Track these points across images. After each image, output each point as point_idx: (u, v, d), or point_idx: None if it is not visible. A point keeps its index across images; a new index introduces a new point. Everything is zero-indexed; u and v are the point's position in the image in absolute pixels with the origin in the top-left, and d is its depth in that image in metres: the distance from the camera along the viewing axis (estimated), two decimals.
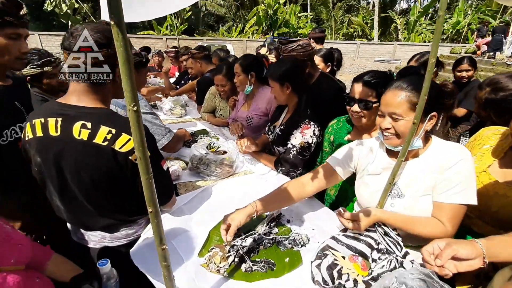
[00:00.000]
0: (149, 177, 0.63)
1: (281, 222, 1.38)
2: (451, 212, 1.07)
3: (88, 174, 1.06)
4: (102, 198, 1.13)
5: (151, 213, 0.65)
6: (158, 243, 0.70)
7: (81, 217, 1.19)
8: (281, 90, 1.72)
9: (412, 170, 1.17)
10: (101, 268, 0.91)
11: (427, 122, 1.09)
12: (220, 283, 1.04)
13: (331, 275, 0.96)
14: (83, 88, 1.05)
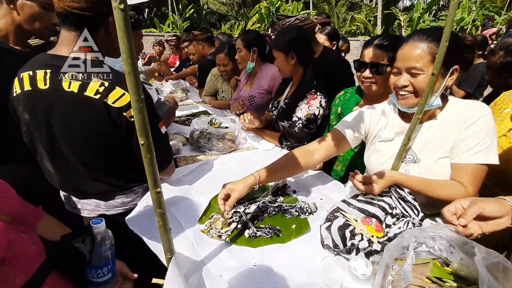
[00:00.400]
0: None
1: (287, 192, 1.29)
2: (472, 173, 0.99)
3: (79, 131, 0.98)
4: (95, 159, 1.05)
5: (143, 145, 0.57)
6: (152, 185, 0.62)
7: (73, 182, 1.11)
8: (285, 61, 1.64)
9: (428, 132, 1.08)
10: (95, 226, 0.82)
11: (448, 77, 0.99)
12: (221, 248, 0.96)
13: (342, 236, 0.88)
14: (74, 38, 0.97)
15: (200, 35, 3.00)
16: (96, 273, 0.83)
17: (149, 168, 0.59)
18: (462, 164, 1.00)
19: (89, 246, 0.81)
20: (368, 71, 1.36)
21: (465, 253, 0.75)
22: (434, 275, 0.70)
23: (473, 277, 0.72)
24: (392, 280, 0.65)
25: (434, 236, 0.80)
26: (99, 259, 0.82)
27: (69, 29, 0.95)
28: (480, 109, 1.01)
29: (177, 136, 1.73)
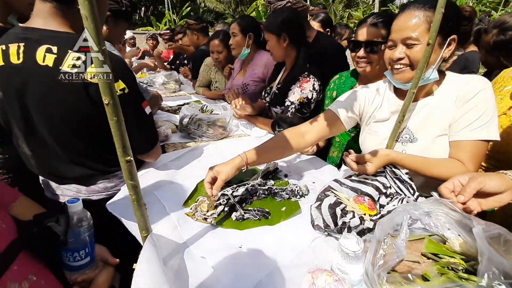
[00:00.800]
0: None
1: (278, 176, 1.24)
2: (472, 150, 0.94)
3: (57, 109, 0.92)
4: (74, 141, 0.99)
5: (107, 105, 0.51)
6: (121, 153, 0.57)
7: (51, 165, 1.05)
8: (277, 43, 1.58)
9: (425, 110, 1.03)
10: (70, 206, 0.76)
11: (445, 48, 0.93)
12: (206, 230, 0.90)
13: (333, 215, 0.83)
14: (49, 10, 0.90)
15: (194, 24, 2.93)
16: (72, 256, 0.77)
17: (117, 133, 0.54)
18: (461, 141, 0.95)
19: (63, 226, 0.75)
20: (363, 50, 1.30)
21: (463, 229, 0.70)
22: (430, 251, 0.65)
23: (471, 253, 0.67)
24: (384, 254, 0.60)
25: (429, 212, 0.75)
26: (75, 241, 0.76)
27: (44, 0, 0.90)
28: (479, 83, 0.95)
29: (166, 123, 1.67)
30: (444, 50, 0.94)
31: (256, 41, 2.06)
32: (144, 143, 1.10)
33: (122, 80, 0.94)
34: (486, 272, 0.51)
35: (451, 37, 0.92)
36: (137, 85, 1.07)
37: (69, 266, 0.77)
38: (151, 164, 1.26)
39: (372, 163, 0.93)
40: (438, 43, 0.92)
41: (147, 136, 1.10)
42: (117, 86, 0.93)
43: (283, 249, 0.82)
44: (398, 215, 0.71)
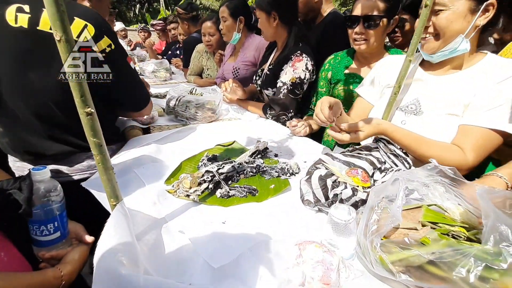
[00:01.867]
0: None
1: (268, 156, 1.18)
2: (480, 138, 0.81)
3: (35, 75, 0.84)
4: (54, 112, 0.91)
5: (59, 41, 0.44)
6: (80, 103, 0.50)
7: (27, 142, 0.95)
8: (267, 22, 1.51)
9: (445, 85, 0.91)
10: (34, 173, 0.68)
11: (480, 13, 0.79)
12: (187, 207, 0.84)
13: (323, 187, 0.76)
14: None
15: (184, 14, 2.84)
16: (39, 230, 0.70)
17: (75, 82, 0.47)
18: (471, 126, 0.82)
19: (26, 193, 0.68)
20: (360, 25, 1.24)
21: (463, 198, 0.65)
22: (428, 220, 0.60)
23: (473, 223, 0.61)
24: (377, 219, 0.53)
25: (427, 182, 0.69)
26: (42, 214, 0.69)
27: None
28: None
29: (153, 105, 1.60)
30: (477, 16, 0.80)
31: (247, 24, 1.98)
32: (141, 98, 1.08)
33: (108, 36, 0.88)
34: (492, 234, 0.45)
35: (488, 1, 0.78)
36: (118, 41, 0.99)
37: (37, 241, 0.70)
38: (134, 143, 1.19)
39: (363, 131, 0.87)
40: (470, 8, 0.80)
41: (142, 90, 1.07)
42: (104, 42, 0.87)
43: (270, 225, 0.76)
44: (394, 182, 0.65)
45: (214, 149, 1.21)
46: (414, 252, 0.47)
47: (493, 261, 0.42)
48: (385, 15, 1.20)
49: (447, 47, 0.86)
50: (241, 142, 1.28)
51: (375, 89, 1.13)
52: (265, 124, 1.55)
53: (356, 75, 1.39)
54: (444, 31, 0.83)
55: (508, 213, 0.51)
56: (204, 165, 1.03)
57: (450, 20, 0.82)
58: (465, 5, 0.80)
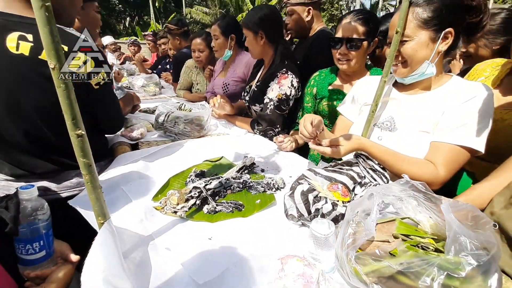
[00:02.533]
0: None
1: (254, 171, 1.21)
2: (450, 154, 0.88)
3: (30, 100, 0.87)
4: (44, 132, 0.93)
5: (53, 69, 0.47)
6: (71, 126, 0.52)
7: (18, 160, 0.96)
8: (254, 40, 1.58)
9: (416, 103, 0.99)
10: (22, 192, 0.68)
11: (440, 41, 0.89)
12: (174, 223, 0.85)
13: (306, 202, 0.80)
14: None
15: (175, 29, 2.91)
16: (25, 248, 0.69)
17: (65, 102, 0.50)
18: (441, 142, 0.90)
19: (13, 212, 0.68)
20: (344, 47, 1.32)
21: (433, 211, 0.70)
22: (401, 232, 0.64)
23: (442, 234, 0.66)
24: (352, 233, 0.57)
25: (401, 196, 0.74)
26: (28, 232, 0.69)
27: None
28: (480, 89, 0.89)
29: (141, 121, 1.62)
30: (438, 43, 0.89)
31: (238, 41, 2.06)
32: (120, 121, 1.18)
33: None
34: (453, 244, 0.50)
35: (446, 31, 0.87)
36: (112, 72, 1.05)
37: (22, 260, 0.70)
38: (122, 159, 1.20)
39: (343, 146, 0.92)
40: (429, 37, 0.89)
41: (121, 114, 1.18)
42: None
43: (255, 240, 0.78)
44: (369, 197, 0.69)
45: (202, 165, 1.24)
46: (385, 263, 0.51)
47: (454, 270, 0.47)
48: (365, 38, 1.29)
49: (415, 72, 0.94)
50: (229, 158, 1.32)
51: (355, 107, 1.20)
52: (253, 139, 1.59)
53: (340, 91, 1.46)
54: (411, 59, 0.92)
55: (468, 225, 0.56)
56: (191, 181, 1.06)
57: (415, 49, 0.90)
58: (426, 35, 0.89)
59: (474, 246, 0.49)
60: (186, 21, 3.03)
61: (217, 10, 24.75)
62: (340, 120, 1.27)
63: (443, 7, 0.86)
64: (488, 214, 0.76)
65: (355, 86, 1.24)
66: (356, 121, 1.16)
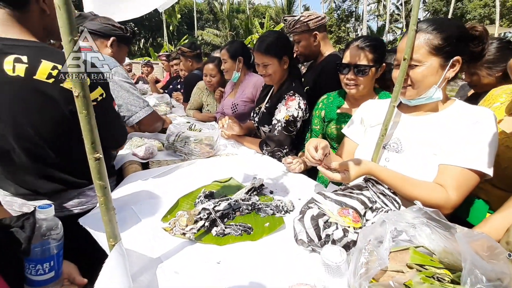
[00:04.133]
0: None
1: (263, 193, 1.21)
2: (460, 178, 0.88)
3: (28, 120, 0.89)
4: (46, 151, 0.95)
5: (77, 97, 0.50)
6: (90, 150, 0.54)
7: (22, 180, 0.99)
8: (279, 66, 1.60)
9: (422, 125, 1.01)
10: (40, 211, 0.69)
11: (448, 69, 0.92)
12: (183, 245, 0.85)
13: (316, 227, 0.79)
14: (4, 17, 0.89)
15: (188, 52, 3.03)
16: (35, 269, 0.70)
17: (86, 127, 0.52)
18: (450, 165, 0.90)
19: (28, 232, 0.69)
20: (351, 72, 1.35)
21: (448, 240, 0.68)
22: (415, 262, 0.62)
23: (458, 265, 0.64)
24: (365, 262, 0.56)
25: (414, 223, 0.73)
26: (40, 252, 0.70)
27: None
28: (485, 113, 0.92)
29: (153, 141, 1.66)
30: (447, 70, 0.92)
31: (245, 63, 2.13)
32: (122, 137, 1.19)
33: (101, 86, 0.97)
34: (469, 276, 0.48)
35: (454, 59, 0.91)
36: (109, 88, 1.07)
37: (30, 280, 0.70)
38: (133, 178, 1.22)
39: (352, 171, 0.92)
40: (439, 64, 0.92)
41: (123, 130, 1.18)
42: (97, 92, 0.95)
43: (264, 265, 0.77)
44: (382, 224, 0.68)
45: (211, 186, 1.24)
46: None
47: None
48: (373, 65, 1.32)
49: (423, 96, 0.96)
50: (238, 178, 1.32)
51: (360, 129, 1.21)
52: (261, 160, 1.59)
53: (348, 115, 1.47)
54: (420, 84, 0.94)
55: (484, 256, 0.54)
56: (200, 202, 1.06)
57: (425, 75, 0.92)
58: (436, 62, 0.92)
59: (490, 278, 0.48)
60: (198, 44, 3.16)
61: (227, 32, 25.75)
62: (346, 142, 1.27)
63: (453, 36, 0.89)
64: (504, 244, 0.74)
65: (360, 109, 1.25)
66: (361, 143, 1.17)
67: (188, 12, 27.43)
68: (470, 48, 0.92)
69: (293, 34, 1.97)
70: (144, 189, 1.16)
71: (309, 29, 1.89)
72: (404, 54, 0.91)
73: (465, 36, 0.92)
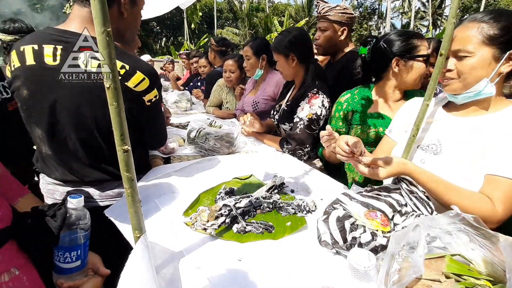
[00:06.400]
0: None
1: (284, 191, 1.19)
2: (509, 190, 0.79)
3: (91, 110, 0.94)
4: (99, 143, 0.99)
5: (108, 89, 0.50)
6: (119, 141, 0.55)
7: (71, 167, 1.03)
8: (286, 64, 1.60)
9: (467, 127, 0.92)
10: (71, 200, 0.71)
11: (504, 62, 0.83)
12: (204, 241, 0.85)
13: (341, 229, 0.76)
14: (87, 15, 0.94)
15: (215, 46, 3.04)
16: (63, 257, 0.72)
17: (116, 119, 0.52)
18: (500, 177, 0.81)
19: (59, 222, 0.71)
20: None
21: (488, 249, 0.63)
22: (452, 271, 0.58)
23: (498, 276, 0.59)
24: (398, 269, 0.52)
25: (450, 230, 0.68)
26: (69, 240, 0.72)
27: (83, 4, 0.94)
28: None
29: (174, 136, 1.68)
30: (501, 64, 0.84)
31: (268, 61, 2.10)
32: (164, 137, 1.22)
33: (157, 89, 1.01)
34: None
35: (511, 51, 0.82)
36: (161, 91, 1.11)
37: (58, 268, 0.72)
38: (155, 172, 1.24)
39: (385, 169, 0.86)
40: (494, 56, 0.84)
41: (166, 130, 1.22)
42: (153, 94, 1.00)
43: (286, 265, 0.75)
44: (415, 228, 0.64)
45: (232, 182, 1.23)
46: None
47: None
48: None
49: (471, 90, 0.87)
50: (258, 176, 1.31)
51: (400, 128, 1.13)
52: (282, 158, 1.57)
53: (378, 113, 1.40)
54: (466, 76, 0.86)
55: None
56: (221, 199, 1.05)
57: (475, 67, 0.84)
58: (489, 53, 0.83)
59: None
60: (229, 42, 3.15)
61: (246, 31, 25.80)
62: (384, 141, 1.20)
63: (511, 26, 0.81)
64: None
65: (404, 107, 1.17)
66: (399, 141, 1.10)
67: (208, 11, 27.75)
68: None
69: (322, 21, 1.91)
70: (167, 183, 1.18)
71: (340, 21, 1.84)
72: (441, 49, 0.85)
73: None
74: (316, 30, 2.01)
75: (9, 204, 0.73)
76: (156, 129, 1.15)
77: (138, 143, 1.09)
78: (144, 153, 1.31)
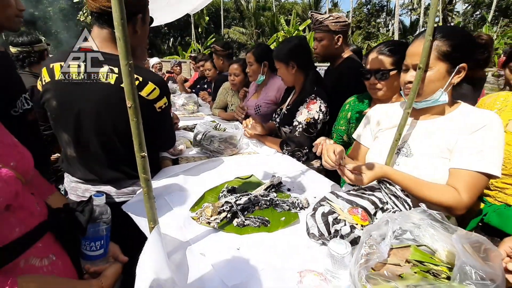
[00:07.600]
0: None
1: (281, 190, 1.30)
2: (470, 180, 0.93)
3: (110, 118, 1.07)
4: (118, 146, 1.12)
5: (130, 108, 0.63)
6: (138, 149, 0.68)
7: (92, 168, 1.17)
8: (286, 70, 1.71)
9: (430, 128, 1.05)
10: (95, 198, 0.86)
11: (454, 75, 0.96)
12: (208, 233, 0.97)
13: (326, 222, 0.87)
14: (105, 35, 1.08)
15: (221, 51, 3.14)
16: (89, 245, 0.86)
17: (135, 132, 0.65)
18: (461, 169, 0.95)
19: (86, 216, 0.85)
20: (373, 77, 1.39)
21: (449, 240, 0.73)
22: (414, 258, 0.68)
23: None
24: (365, 253, 0.64)
25: (419, 224, 0.78)
26: (93, 232, 0.86)
27: (102, 26, 1.07)
28: (491, 117, 0.96)
29: (181, 138, 1.81)
30: (452, 76, 0.97)
31: (270, 67, 2.22)
32: (173, 139, 1.35)
33: (166, 96, 1.14)
34: (459, 272, 0.54)
35: (460, 65, 0.95)
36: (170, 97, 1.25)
37: (85, 255, 0.86)
38: (165, 172, 1.37)
39: (366, 174, 0.98)
40: (446, 70, 0.96)
41: (173, 132, 1.35)
42: (163, 101, 1.12)
43: (278, 253, 0.87)
44: (386, 221, 0.75)
45: (234, 182, 1.36)
46: (392, 284, 0.57)
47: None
48: (394, 68, 1.35)
49: (429, 98, 1.00)
50: (258, 176, 1.43)
51: (368, 134, 1.26)
52: (281, 159, 1.69)
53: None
54: (426, 88, 0.99)
55: (481, 258, 0.59)
56: (224, 196, 1.18)
57: (432, 79, 0.97)
58: (443, 67, 0.96)
59: (480, 277, 0.53)
60: (232, 44, 3.26)
61: (253, 30, 25.90)
62: (356, 147, 1.32)
63: (460, 44, 0.93)
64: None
65: (369, 113, 1.29)
66: (372, 147, 1.22)
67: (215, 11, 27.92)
68: (476, 55, 0.96)
69: (318, 31, 2.02)
70: (175, 182, 1.31)
71: (334, 30, 1.94)
72: (419, 64, 0.96)
73: (471, 44, 0.96)
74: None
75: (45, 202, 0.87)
76: (166, 132, 1.28)
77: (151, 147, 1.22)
78: (156, 156, 1.45)
